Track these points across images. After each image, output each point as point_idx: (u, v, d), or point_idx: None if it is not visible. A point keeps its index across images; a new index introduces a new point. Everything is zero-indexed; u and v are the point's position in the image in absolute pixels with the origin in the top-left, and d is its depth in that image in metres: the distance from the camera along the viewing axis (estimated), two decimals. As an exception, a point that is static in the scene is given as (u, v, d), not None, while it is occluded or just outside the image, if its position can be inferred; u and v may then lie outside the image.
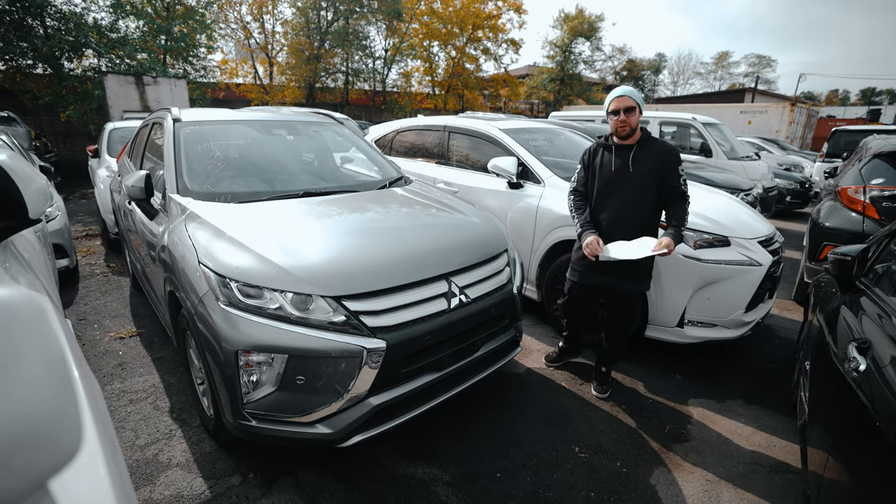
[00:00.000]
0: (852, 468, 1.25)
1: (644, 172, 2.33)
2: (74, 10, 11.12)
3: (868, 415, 1.17)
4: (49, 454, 0.37)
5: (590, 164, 2.53)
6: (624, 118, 2.30)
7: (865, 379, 1.23)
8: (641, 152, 2.35)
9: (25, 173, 1.18)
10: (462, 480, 2.03)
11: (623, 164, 2.37)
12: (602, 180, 2.45)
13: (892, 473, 1.06)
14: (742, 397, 2.75)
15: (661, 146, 2.37)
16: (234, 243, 1.90)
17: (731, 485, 2.07)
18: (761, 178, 6.61)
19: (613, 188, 2.41)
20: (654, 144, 2.37)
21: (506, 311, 2.30)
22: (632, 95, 2.31)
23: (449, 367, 2.03)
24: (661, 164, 2.32)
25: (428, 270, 1.97)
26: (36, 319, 0.38)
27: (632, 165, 2.35)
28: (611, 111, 2.34)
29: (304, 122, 3.43)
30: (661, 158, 2.33)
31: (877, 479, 1.11)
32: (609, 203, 2.43)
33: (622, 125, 2.31)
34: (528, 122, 4.44)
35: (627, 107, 2.29)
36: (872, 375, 1.21)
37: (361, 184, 2.97)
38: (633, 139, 2.38)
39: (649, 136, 2.40)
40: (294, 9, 18.78)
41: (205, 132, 2.89)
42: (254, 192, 2.50)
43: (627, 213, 2.38)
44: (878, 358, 1.24)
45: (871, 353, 1.29)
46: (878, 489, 1.09)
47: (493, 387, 2.75)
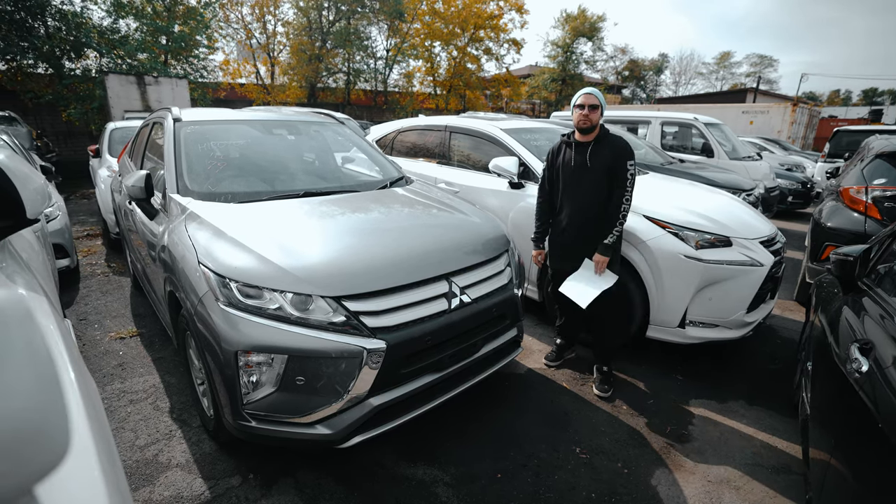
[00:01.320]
0: (854, 470, 1.24)
1: (599, 167, 2.50)
2: (75, 9, 11.12)
3: (870, 416, 1.16)
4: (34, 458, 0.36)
5: (553, 162, 2.70)
6: (587, 113, 2.48)
7: (868, 380, 1.22)
8: (598, 148, 2.52)
9: (24, 173, 1.17)
10: (462, 481, 2.02)
11: (582, 160, 2.54)
12: (565, 176, 2.63)
13: (893, 475, 1.05)
14: (744, 398, 2.74)
15: (617, 142, 2.52)
16: (234, 243, 1.89)
17: (732, 486, 2.06)
18: (763, 179, 6.59)
19: (574, 183, 2.59)
20: (611, 140, 2.53)
21: (507, 312, 2.29)
22: (598, 96, 2.51)
23: (450, 367, 2.02)
24: (612, 158, 2.48)
25: (429, 271, 1.96)
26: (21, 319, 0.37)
27: (589, 160, 2.52)
28: (577, 104, 2.51)
29: (304, 121, 3.43)
30: (613, 153, 2.48)
31: (878, 480, 1.11)
32: (570, 198, 2.62)
33: (584, 119, 2.49)
34: (530, 122, 4.43)
35: (592, 104, 2.48)
36: (875, 377, 1.20)
37: (362, 184, 2.97)
38: (592, 136, 2.54)
39: (608, 133, 2.55)
40: (296, 9, 18.79)
41: (205, 132, 2.89)
42: (254, 192, 2.50)
43: (586, 205, 2.56)
44: (880, 359, 1.23)
45: (873, 355, 1.28)
46: (880, 491, 1.09)
47: (495, 387, 2.75)
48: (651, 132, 7.33)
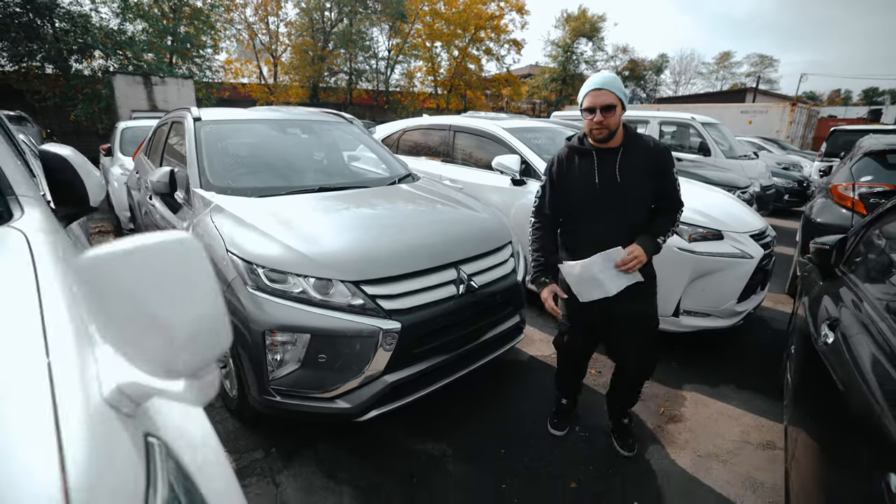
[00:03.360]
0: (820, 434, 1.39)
1: (636, 181, 1.84)
2: (82, 11, 11.29)
3: (833, 383, 1.31)
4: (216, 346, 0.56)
5: (559, 177, 1.97)
6: (601, 118, 1.75)
7: (832, 350, 1.37)
8: (629, 156, 1.84)
9: (86, 167, 1.33)
10: (469, 456, 2.18)
11: (609, 174, 1.85)
12: (581, 196, 1.90)
13: (853, 437, 1.20)
14: (734, 382, 2.90)
15: (652, 145, 1.88)
16: (259, 233, 2.05)
17: (720, 459, 2.22)
18: (759, 177, 6.74)
19: (600, 206, 1.88)
20: (643, 144, 1.87)
21: (510, 299, 2.44)
22: (611, 88, 1.74)
23: (458, 349, 2.18)
24: (654, 169, 1.85)
25: (438, 258, 2.12)
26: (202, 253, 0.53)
27: (619, 174, 1.83)
28: (585, 108, 1.80)
29: (316, 121, 3.59)
30: (653, 161, 1.85)
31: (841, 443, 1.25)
32: (595, 226, 1.91)
33: (598, 128, 1.78)
34: (531, 122, 4.59)
35: (605, 104, 1.74)
36: (839, 347, 1.36)
37: (373, 180, 3.13)
38: (616, 141, 1.85)
39: (635, 134, 1.90)
40: (298, 9, 18.98)
41: (224, 131, 3.05)
42: (272, 187, 2.65)
43: (620, 235, 1.85)
44: (844, 332, 1.39)
45: (839, 329, 1.43)
46: (840, 453, 1.23)
47: (499, 372, 2.90)
48: (650, 132, 7.49)
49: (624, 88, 1.81)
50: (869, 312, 1.35)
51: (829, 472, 1.17)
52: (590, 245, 1.87)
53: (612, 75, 1.80)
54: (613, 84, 1.76)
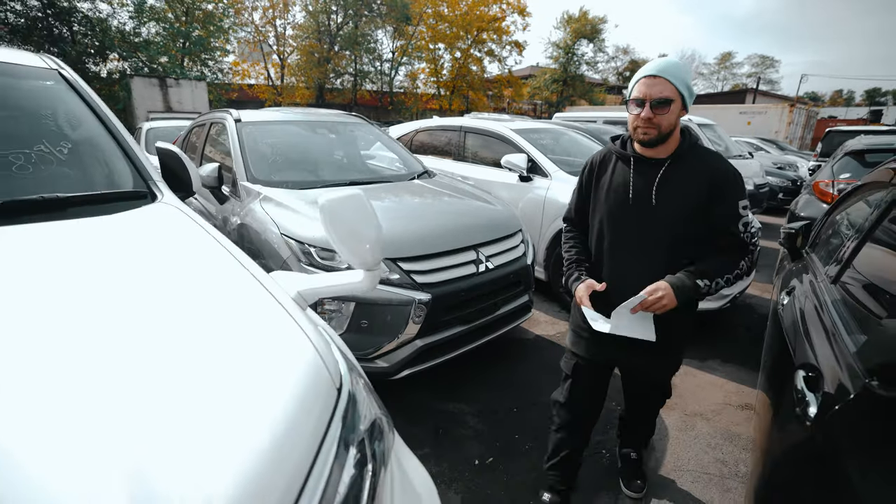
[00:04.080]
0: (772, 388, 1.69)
1: (677, 208, 1.42)
2: (100, 15, 11.67)
3: (783, 340, 1.64)
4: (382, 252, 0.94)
5: (588, 183, 1.64)
6: (649, 115, 1.35)
7: (785, 310, 1.71)
8: (677, 172, 1.42)
9: (189, 161, 1.66)
10: (485, 414, 2.52)
11: (644, 191, 1.45)
12: (609, 208, 1.54)
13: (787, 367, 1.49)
14: (720, 358, 3.24)
15: (713, 164, 1.43)
16: (308, 218, 2.39)
17: (704, 418, 2.55)
18: (752, 176, 7.07)
19: (627, 230, 1.51)
20: (701, 159, 1.43)
21: (521, 279, 2.78)
22: (671, 77, 1.33)
23: (477, 320, 2.52)
24: (707, 194, 1.39)
25: (460, 241, 2.46)
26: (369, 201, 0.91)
27: (656, 193, 1.43)
28: (633, 98, 1.40)
29: (342, 122, 3.93)
30: (710, 183, 1.39)
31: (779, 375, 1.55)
32: (618, 248, 1.54)
33: (644, 126, 1.37)
34: (536, 123, 4.94)
35: (660, 98, 1.33)
36: (790, 306, 1.69)
37: (395, 175, 3.47)
38: (667, 150, 1.44)
39: (694, 146, 1.45)
40: (305, 12, 19.37)
41: (262, 130, 3.39)
42: (309, 181, 3.00)
43: (647, 268, 1.46)
44: (795, 296, 1.72)
45: (793, 294, 1.76)
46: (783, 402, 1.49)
47: (508, 348, 3.25)
48: (648, 132, 7.79)
49: (690, 81, 1.37)
50: (816, 279, 1.68)
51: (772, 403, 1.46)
52: (612, 265, 1.54)
53: (674, 61, 1.37)
54: (675, 73, 1.34)
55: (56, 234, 1.07)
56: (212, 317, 0.86)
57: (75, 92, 1.62)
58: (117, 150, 1.52)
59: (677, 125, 1.42)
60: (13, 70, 1.55)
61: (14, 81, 1.53)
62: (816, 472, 0.86)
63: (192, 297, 0.90)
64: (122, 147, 1.54)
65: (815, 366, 1.08)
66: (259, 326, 0.86)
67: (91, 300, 0.83)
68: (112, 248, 1.07)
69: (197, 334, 0.80)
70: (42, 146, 1.37)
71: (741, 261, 1.44)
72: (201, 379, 0.69)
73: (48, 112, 1.50)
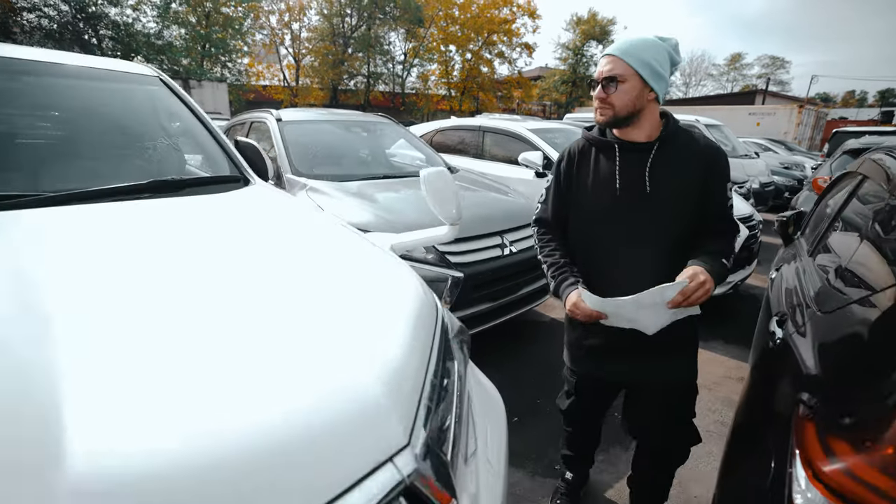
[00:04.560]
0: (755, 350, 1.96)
1: (676, 192, 1.33)
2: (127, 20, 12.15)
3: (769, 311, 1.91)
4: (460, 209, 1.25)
5: (567, 177, 1.46)
6: (601, 95, 1.30)
7: (772, 284, 1.98)
8: (667, 155, 1.34)
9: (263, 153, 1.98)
10: (508, 381, 2.80)
11: (635, 179, 1.34)
12: (594, 204, 1.40)
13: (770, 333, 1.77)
14: (723, 339, 3.50)
15: (703, 144, 1.37)
16: (353, 206, 2.70)
17: (706, 388, 2.83)
18: (758, 175, 7.31)
19: (616, 220, 1.38)
20: (688, 141, 1.37)
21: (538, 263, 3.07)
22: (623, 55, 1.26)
23: (501, 298, 2.82)
24: (702, 177, 1.33)
25: (488, 227, 2.77)
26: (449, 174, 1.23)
27: (650, 180, 1.33)
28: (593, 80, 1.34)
29: (372, 121, 4.26)
30: (702, 164, 1.33)
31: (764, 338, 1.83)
32: (614, 256, 1.40)
33: (600, 106, 1.31)
34: (550, 124, 5.23)
35: (608, 76, 1.27)
36: (778, 281, 1.97)
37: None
38: (649, 133, 1.35)
39: (679, 128, 1.37)
40: (320, 16, 19.81)
41: (301, 129, 3.71)
42: (348, 174, 3.31)
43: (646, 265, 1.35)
44: (782, 271, 2.00)
45: (780, 269, 2.04)
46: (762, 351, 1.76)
47: (527, 328, 3.54)
48: (657, 132, 8.05)
49: (651, 57, 1.26)
50: (800, 256, 1.96)
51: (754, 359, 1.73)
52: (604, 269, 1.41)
53: (635, 39, 1.29)
54: (629, 50, 1.26)
55: (195, 205, 1.38)
56: (342, 260, 1.18)
57: (174, 94, 1.94)
58: (213, 142, 1.84)
59: (642, 106, 1.29)
60: (127, 77, 1.88)
61: (130, 87, 1.85)
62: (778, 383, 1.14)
63: (322, 248, 1.22)
64: (217, 139, 1.86)
65: (785, 311, 1.37)
66: (377, 266, 1.18)
67: (246, 251, 1.14)
68: (243, 214, 1.39)
69: (337, 273, 1.11)
70: (162, 139, 1.69)
71: (734, 240, 1.40)
72: (352, 301, 1.00)
73: (160, 111, 1.82)
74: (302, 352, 0.78)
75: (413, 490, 0.65)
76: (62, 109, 1.67)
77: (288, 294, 0.96)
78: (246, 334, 0.79)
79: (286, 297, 0.95)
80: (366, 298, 1.02)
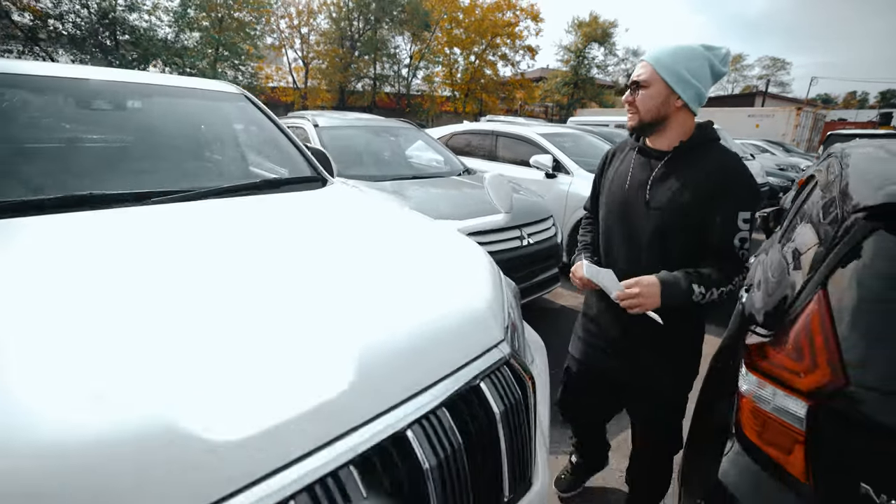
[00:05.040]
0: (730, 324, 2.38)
1: (667, 207, 1.33)
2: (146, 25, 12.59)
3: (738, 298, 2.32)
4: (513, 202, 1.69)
5: (601, 171, 1.62)
6: (628, 98, 1.37)
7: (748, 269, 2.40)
8: (676, 168, 1.34)
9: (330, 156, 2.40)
10: (525, 357, 3.23)
11: (641, 182, 1.40)
12: (608, 201, 1.52)
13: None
14: (715, 322, 3.90)
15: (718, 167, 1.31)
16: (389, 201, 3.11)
17: (698, 362, 3.24)
18: (753, 175, 7.71)
19: (620, 220, 1.47)
20: (707, 160, 1.32)
21: (552, 254, 3.49)
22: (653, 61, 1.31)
23: (519, 284, 3.21)
24: (706, 199, 1.29)
25: (509, 221, 3.17)
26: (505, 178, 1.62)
27: (650, 188, 1.37)
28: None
29: (398, 126, 4.69)
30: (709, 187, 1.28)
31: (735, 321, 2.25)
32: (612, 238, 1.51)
33: (629, 110, 1.38)
34: (558, 128, 5.65)
35: (635, 80, 1.34)
36: (753, 265, 2.38)
37: (446, 172, 4.21)
38: (670, 142, 1.36)
39: (707, 143, 1.35)
40: (329, 19, 20.25)
41: (337, 133, 4.13)
42: (381, 175, 3.73)
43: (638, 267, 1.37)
44: (759, 258, 2.41)
45: (758, 257, 2.46)
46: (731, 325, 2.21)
47: (539, 313, 3.95)
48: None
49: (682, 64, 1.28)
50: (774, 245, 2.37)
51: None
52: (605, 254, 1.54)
53: (669, 47, 1.31)
54: (660, 57, 1.29)
55: (296, 199, 1.80)
56: (428, 233, 1.59)
57: (257, 108, 2.36)
58: (293, 148, 2.26)
59: (668, 113, 1.32)
60: (219, 95, 2.29)
61: (225, 104, 2.27)
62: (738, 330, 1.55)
63: (409, 226, 1.63)
64: (296, 145, 2.27)
65: (752, 283, 1.78)
66: (455, 238, 1.59)
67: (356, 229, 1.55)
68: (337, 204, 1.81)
69: (429, 242, 1.51)
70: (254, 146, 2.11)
71: (735, 277, 1.31)
72: (451, 259, 1.41)
73: (252, 123, 2.24)
74: (437, 289, 1.20)
75: (510, 363, 1.08)
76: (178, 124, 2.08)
77: (402, 256, 1.38)
78: (392, 282, 1.20)
79: (403, 258, 1.37)
80: (459, 258, 1.44)
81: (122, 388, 0.67)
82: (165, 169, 1.85)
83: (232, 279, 1.04)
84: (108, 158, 1.69)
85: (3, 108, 1.52)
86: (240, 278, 1.05)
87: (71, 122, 1.70)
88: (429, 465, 0.80)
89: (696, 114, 1.35)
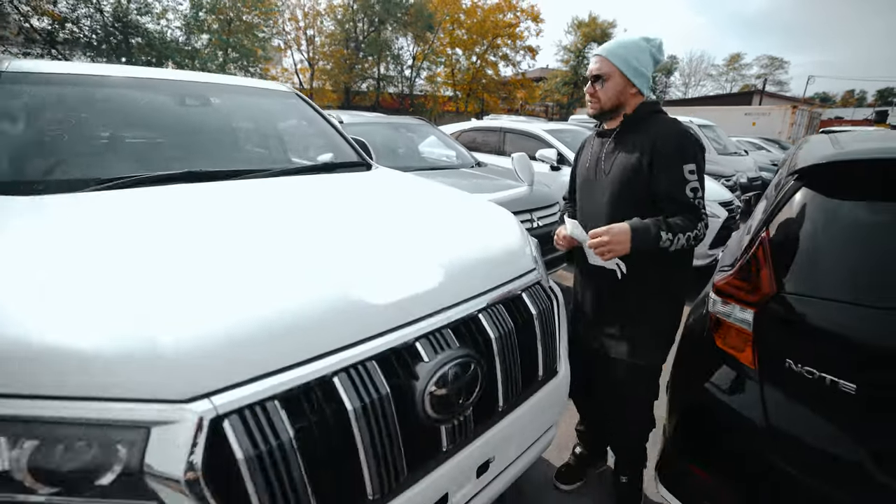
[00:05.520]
0: None
1: (618, 175, 1.51)
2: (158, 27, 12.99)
3: None
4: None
5: (575, 159, 1.82)
6: (590, 90, 1.55)
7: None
8: (623, 141, 1.53)
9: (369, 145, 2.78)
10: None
11: (600, 159, 1.60)
12: (578, 180, 1.74)
13: None
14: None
15: (657, 130, 1.47)
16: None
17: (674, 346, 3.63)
18: (746, 171, 8.11)
19: (586, 195, 1.68)
20: (650, 128, 1.48)
21: (559, 236, 3.88)
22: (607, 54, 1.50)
23: (530, 261, 3.62)
24: (650, 160, 1.44)
25: (521, 206, 3.56)
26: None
27: (604, 161, 1.57)
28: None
29: (414, 123, 5.08)
30: (651, 149, 1.43)
31: None
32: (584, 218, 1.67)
33: (591, 100, 1.57)
34: (562, 125, 6.04)
35: (594, 74, 1.52)
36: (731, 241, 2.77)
37: (461, 164, 4.60)
38: (616, 120, 1.56)
39: (641, 116, 1.53)
40: (334, 21, 20.65)
41: (360, 129, 4.52)
42: (404, 166, 4.11)
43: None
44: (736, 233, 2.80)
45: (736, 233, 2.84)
46: None
47: (545, 292, 4.34)
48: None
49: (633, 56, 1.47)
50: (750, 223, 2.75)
51: None
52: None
53: (620, 40, 1.52)
54: (614, 50, 1.48)
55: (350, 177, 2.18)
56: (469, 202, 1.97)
57: (308, 104, 2.74)
58: (340, 138, 2.64)
59: (625, 100, 1.52)
60: (275, 93, 2.68)
61: (282, 101, 2.66)
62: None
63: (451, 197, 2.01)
64: (342, 136, 2.66)
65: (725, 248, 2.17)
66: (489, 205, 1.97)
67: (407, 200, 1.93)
68: (385, 182, 2.19)
69: (471, 207, 1.89)
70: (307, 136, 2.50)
71: (698, 223, 1.43)
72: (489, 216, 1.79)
73: (306, 117, 2.63)
74: (488, 233, 1.58)
75: (540, 283, 1.47)
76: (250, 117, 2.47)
77: (453, 213, 1.77)
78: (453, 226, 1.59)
79: (455, 214, 1.76)
80: (496, 216, 1.82)
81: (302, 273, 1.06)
82: (245, 153, 2.25)
83: (323, 225, 1.43)
84: (204, 145, 2.07)
85: (141, 106, 1.91)
86: (328, 225, 1.43)
87: (173, 117, 2.09)
88: (493, 337, 1.20)
89: (645, 96, 1.55)
